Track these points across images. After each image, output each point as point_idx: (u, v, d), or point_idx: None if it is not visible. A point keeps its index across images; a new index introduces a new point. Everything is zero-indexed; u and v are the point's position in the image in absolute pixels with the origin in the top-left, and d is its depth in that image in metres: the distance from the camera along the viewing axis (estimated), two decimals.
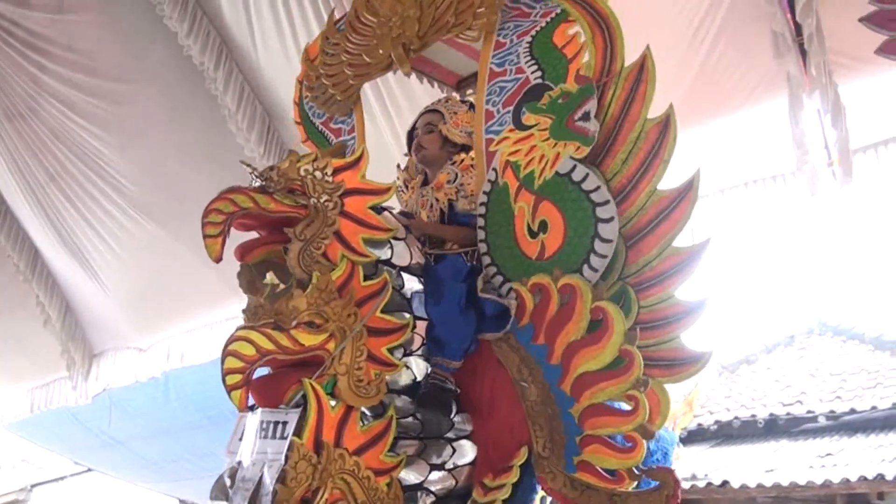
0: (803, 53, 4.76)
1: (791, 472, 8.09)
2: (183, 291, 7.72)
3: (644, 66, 2.67)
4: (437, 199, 3.16)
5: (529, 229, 2.77)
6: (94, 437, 10.33)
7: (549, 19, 2.98)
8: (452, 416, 2.69)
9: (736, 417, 10.22)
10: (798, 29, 4.73)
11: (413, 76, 3.66)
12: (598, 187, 2.63)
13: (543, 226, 2.74)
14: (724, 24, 4.91)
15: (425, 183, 3.28)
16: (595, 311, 2.52)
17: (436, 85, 3.83)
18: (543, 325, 2.64)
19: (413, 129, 3.38)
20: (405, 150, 3.47)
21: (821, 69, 4.58)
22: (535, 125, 2.83)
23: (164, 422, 9.51)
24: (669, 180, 2.60)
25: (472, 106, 3.38)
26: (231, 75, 6.40)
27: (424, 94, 4.74)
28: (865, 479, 7.45)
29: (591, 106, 2.69)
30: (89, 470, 12.96)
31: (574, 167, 2.68)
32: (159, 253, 7.48)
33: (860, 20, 2.90)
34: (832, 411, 9.73)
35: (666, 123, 2.61)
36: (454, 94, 3.66)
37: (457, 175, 3.16)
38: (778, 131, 5.01)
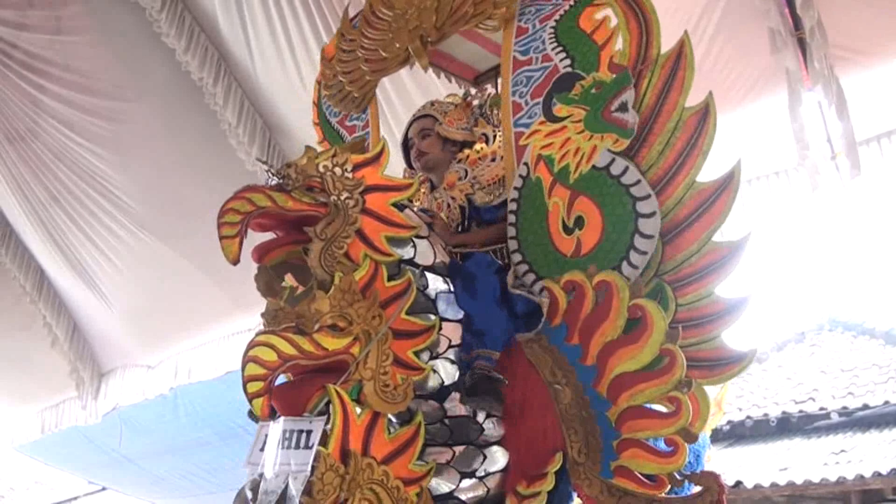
0: (802, 48, 4.74)
1: (805, 470, 8.04)
2: (188, 307, 7.70)
3: (682, 52, 2.54)
4: (452, 198, 3.07)
5: (564, 225, 2.65)
6: (105, 455, 10.30)
7: (573, 2, 2.88)
8: (501, 406, 2.59)
9: (748, 417, 10.17)
10: (796, 23, 4.71)
11: (430, 71, 3.56)
12: (639, 181, 2.51)
13: (580, 221, 2.62)
14: (721, 21, 4.88)
15: (432, 189, 3.22)
16: (633, 309, 2.39)
17: (453, 80, 3.75)
18: (577, 324, 2.51)
19: (406, 139, 3.32)
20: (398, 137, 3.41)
21: (823, 62, 4.54)
22: (568, 117, 2.70)
23: (174, 438, 9.48)
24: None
25: (464, 103, 3.34)
26: (230, 90, 6.41)
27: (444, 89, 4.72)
28: (880, 474, 7.40)
29: (629, 96, 2.57)
30: (103, 489, 12.93)
31: (612, 160, 2.57)
32: (164, 269, 7.48)
33: None
34: (845, 407, 9.67)
35: (705, 112, 2.48)
36: (440, 98, 3.59)
37: (466, 171, 3.09)
38: (779, 127, 4.97)
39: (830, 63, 4.68)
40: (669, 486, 2.36)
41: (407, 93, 5.45)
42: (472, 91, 3.61)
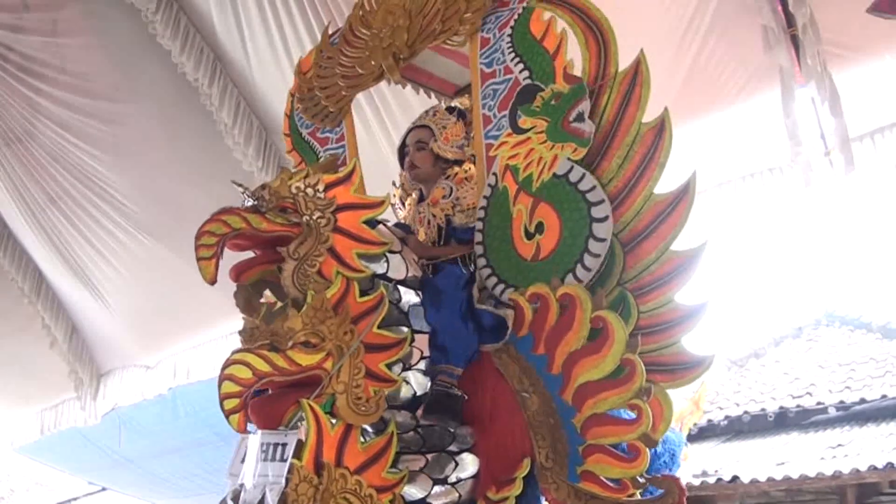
0: (795, 45, 4.77)
1: (802, 464, 8.06)
2: (187, 308, 7.70)
3: (638, 70, 2.66)
4: (433, 215, 3.16)
5: (526, 231, 2.77)
6: (105, 456, 10.33)
7: (525, 5, 3.00)
8: (459, 423, 2.67)
9: (746, 412, 10.20)
10: (789, 20, 4.75)
11: (410, 87, 3.72)
12: (594, 187, 2.62)
13: (540, 227, 2.73)
14: (714, 19, 4.91)
15: (421, 199, 3.30)
16: (595, 320, 2.50)
17: (433, 95, 3.84)
18: (543, 334, 2.62)
19: (403, 145, 3.39)
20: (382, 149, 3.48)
21: (816, 58, 4.59)
22: (532, 128, 2.83)
23: (174, 439, 9.51)
24: (666, 182, 2.59)
25: (460, 113, 3.41)
26: (226, 91, 6.42)
27: (420, 104, 4.75)
28: (875, 468, 7.42)
29: (585, 106, 2.69)
30: (103, 489, 12.95)
31: (571, 168, 2.68)
32: (162, 270, 7.48)
33: (868, 10, 2.85)
34: (842, 402, 9.70)
35: (661, 127, 2.59)
36: (440, 104, 3.65)
37: (452, 189, 3.17)
38: (773, 124, 5.00)
39: (823, 59, 4.72)
40: (633, 490, 2.46)
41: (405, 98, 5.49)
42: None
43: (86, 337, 8.82)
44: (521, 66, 2.95)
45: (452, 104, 3.58)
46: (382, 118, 5.68)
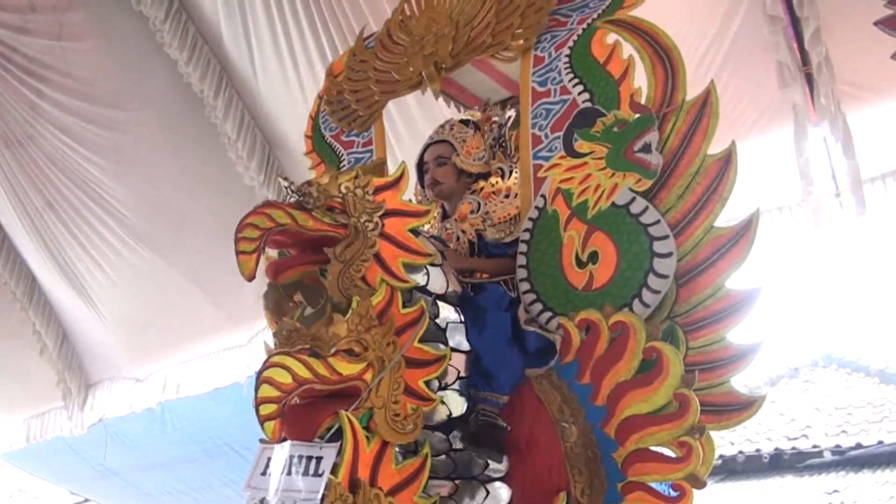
0: (809, 83, 4.71)
1: None
2: (180, 321, 7.61)
3: (708, 100, 2.59)
4: (463, 231, 3.07)
5: (578, 259, 2.67)
6: (90, 467, 10.16)
7: (585, 26, 2.93)
8: (499, 453, 2.55)
9: (740, 452, 10.07)
10: (804, 58, 4.69)
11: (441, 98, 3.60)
12: (658, 221, 2.54)
13: (594, 256, 2.64)
14: (728, 55, 4.85)
15: (444, 216, 3.20)
16: (649, 350, 2.39)
17: (461, 109, 3.76)
18: (590, 363, 2.51)
19: (421, 161, 3.29)
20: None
21: (830, 97, 4.53)
22: (590, 153, 2.74)
23: (160, 454, 9.36)
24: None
25: (475, 126, 3.31)
26: (231, 103, 6.36)
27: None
28: None
29: (653, 137, 2.60)
30: (86, 501, 12.79)
31: (633, 199, 2.59)
32: (156, 282, 7.39)
33: (875, 24, 2.81)
34: (838, 446, 9.59)
35: (727, 160, 2.53)
36: (453, 118, 3.57)
37: (479, 204, 3.08)
38: (783, 162, 4.94)
39: (837, 99, 4.67)
40: None
41: (413, 118, 5.41)
42: (492, 105, 3.58)
43: (76, 345, 8.69)
44: (580, 87, 2.86)
45: (465, 117, 3.49)
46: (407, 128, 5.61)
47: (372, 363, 2.27)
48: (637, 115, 2.67)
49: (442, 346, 2.48)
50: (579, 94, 2.86)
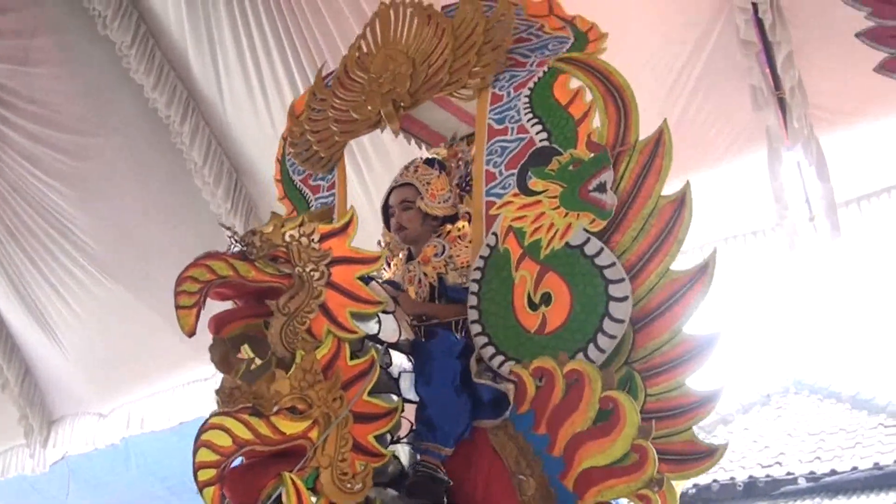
0: (782, 107, 4.72)
1: None
2: (145, 353, 7.44)
3: (661, 139, 2.56)
4: (425, 274, 2.99)
5: (530, 300, 2.59)
6: None
7: (545, 69, 2.89)
8: None
9: (714, 480, 9.97)
10: (777, 83, 4.70)
11: (386, 134, 3.53)
12: (613, 263, 2.48)
13: (547, 298, 2.57)
14: (700, 78, 4.86)
15: (410, 258, 3.12)
16: (605, 400, 2.33)
17: (423, 146, 3.71)
18: (546, 413, 2.44)
19: (386, 204, 3.22)
20: (376, 208, 3.32)
21: (803, 121, 4.54)
22: (544, 191, 2.68)
23: (124, 492, 9.18)
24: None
25: (440, 165, 3.26)
26: (198, 129, 6.28)
27: (397, 148, 4.61)
28: None
29: (607, 177, 2.56)
30: None
31: (587, 240, 2.54)
32: (121, 313, 7.23)
33: (856, 35, 2.79)
34: (812, 472, 9.54)
35: (681, 201, 2.48)
36: (418, 158, 3.48)
37: (444, 247, 3.01)
38: (757, 186, 4.93)
39: (810, 123, 4.68)
40: None
41: (386, 152, 5.35)
42: (458, 139, 3.55)
43: (38, 380, 8.45)
44: (538, 126, 2.82)
45: (430, 156, 3.42)
46: (357, 163, 5.54)
47: (317, 420, 2.18)
48: (592, 154, 2.62)
49: (394, 398, 2.40)
50: (537, 133, 2.82)
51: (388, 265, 3.26)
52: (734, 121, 4.93)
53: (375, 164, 5.44)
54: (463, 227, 3.11)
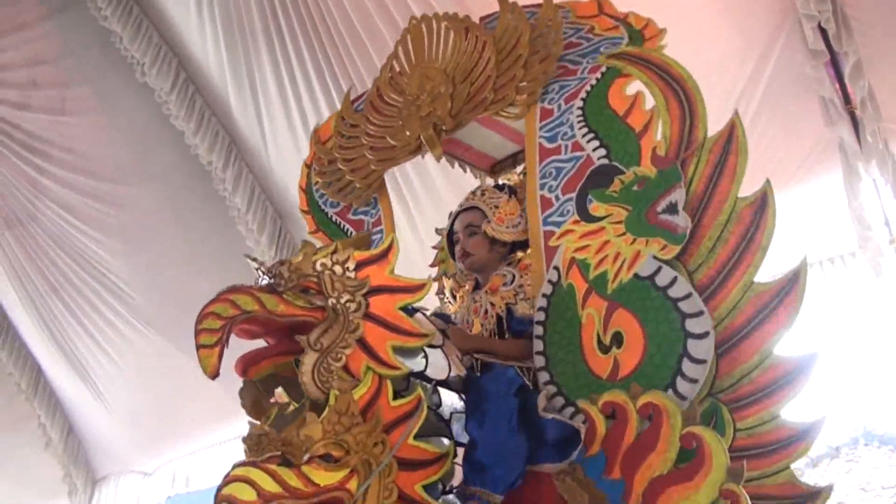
0: (854, 122, 4.41)
1: None
2: (189, 408, 7.29)
3: (733, 134, 2.24)
4: (492, 304, 2.67)
5: (600, 342, 2.28)
6: None
7: (599, 75, 2.59)
8: None
9: None
10: (846, 97, 4.40)
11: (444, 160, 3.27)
12: (689, 294, 2.15)
13: (618, 339, 2.25)
14: (764, 96, 4.58)
15: (476, 288, 2.83)
16: (687, 438, 1.98)
17: (468, 170, 3.41)
18: (619, 454, 2.09)
19: (451, 231, 2.94)
20: (426, 241, 3.02)
21: (877, 136, 4.22)
22: (607, 216, 2.37)
23: None
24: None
25: (510, 191, 2.94)
26: (241, 175, 6.20)
27: (440, 175, 4.36)
28: None
29: (679, 196, 2.24)
30: None
31: (658, 269, 2.22)
32: (164, 367, 7.09)
33: None
34: None
35: (762, 203, 2.16)
36: (487, 180, 3.23)
37: (514, 276, 2.69)
38: (831, 207, 4.60)
39: (884, 138, 4.36)
40: None
41: (432, 181, 5.13)
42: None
43: (82, 438, 8.41)
44: (595, 142, 2.51)
45: (500, 182, 3.14)
46: (402, 194, 5.32)
47: (356, 469, 1.91)
48: (659, 170, 2.32)
49: (445, 442, 2.12)
50: (594, 149, 2.51)
51: (454, 298, 2.98)
52: (803, 139, 4.62)
53: (420, 192, 5.21)
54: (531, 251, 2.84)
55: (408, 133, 2.96)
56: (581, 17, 2.81)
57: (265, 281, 2.07)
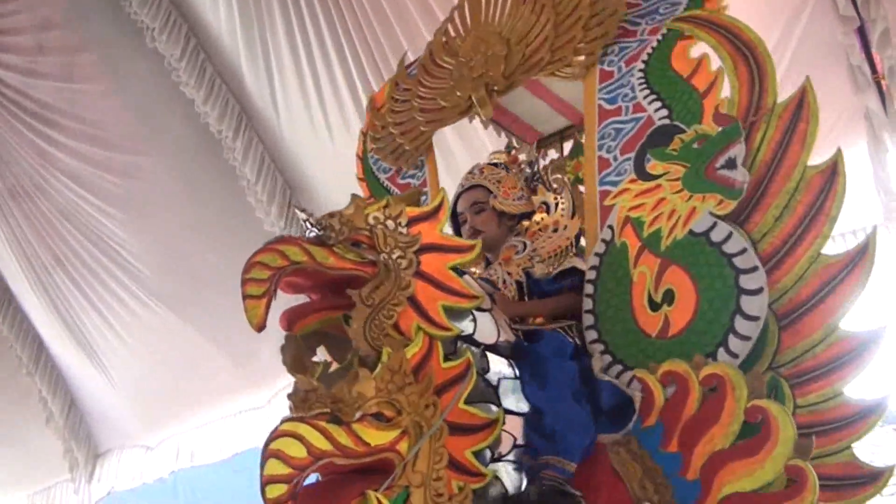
0: (880, 93, 4.36)
1: None
2: (194, 382, 7.22)
3: (804, 100, 2.15)
4: (509, 274, 2.66)
5: (651, 300, 2.22)
6: None
7: (660, 36, 2.54)
8: None
9: None
10: (871, 65, 4.35)
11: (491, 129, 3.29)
12: (744, 250, 2.09)
13: (669, 296, 2.19)
14: (791, 63, 4.50)
15: (487, 265, 2.82)
16: (751, 411, 1.91)
17: (513, 139, 3.40)
18: (678, 426, 2.03)
19: (455, 213, 2.93)
20: None
21: None
22: (664, 174, 2.31)
23: None
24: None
25: (505, 167, 2.97)
26: (251, 144, 6.08)
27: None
28: None
29: (738, 151, 2.17)
30: None
31: (714, 225, 2.15)
32: (170, 341, 7.03)
33: None
34: None
35: (833, 171, 2.08)
36: (481, 163, 3.15)
37: (525, 244, 2.70)
38: (856, 178, 4.55)
39: None
40: None
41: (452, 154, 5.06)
42: (515, 144, 3.30)
43: (84, 412, 8.33)
44: (657, 104, 2.46)
45: (493, 161, 3.11)
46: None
47: (407, 430, 1.84)
48: (720, 128, 2.26)
49: (494, 408, 2.03)
50: (655, 110, 2.46)
51: None
52: (828, 108, 4.54)
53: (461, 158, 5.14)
54: (542, 218, 2.84)
55: (459, 94, 2.94)
56: None
57: (313, 233, 1.98)
